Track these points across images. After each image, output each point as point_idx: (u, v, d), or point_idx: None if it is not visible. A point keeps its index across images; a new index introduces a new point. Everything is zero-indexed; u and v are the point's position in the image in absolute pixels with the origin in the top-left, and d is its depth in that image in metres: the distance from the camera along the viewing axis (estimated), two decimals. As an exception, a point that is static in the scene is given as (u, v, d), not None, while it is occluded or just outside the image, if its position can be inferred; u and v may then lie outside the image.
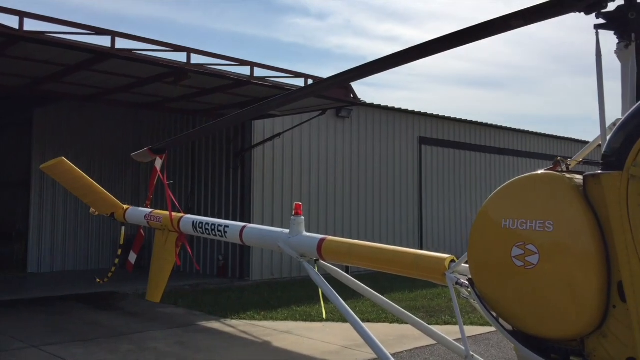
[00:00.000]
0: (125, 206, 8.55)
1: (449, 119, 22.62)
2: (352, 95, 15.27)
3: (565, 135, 27.95)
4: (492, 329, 6.97)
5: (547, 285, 3.47)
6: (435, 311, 12.43)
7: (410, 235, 20.90)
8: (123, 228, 8.64)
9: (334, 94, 14.53)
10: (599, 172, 3.35)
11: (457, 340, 10.20)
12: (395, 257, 5.14)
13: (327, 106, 15.92)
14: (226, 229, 6.70)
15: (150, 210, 8.02)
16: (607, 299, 3.32)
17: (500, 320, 3.79)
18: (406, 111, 21.08)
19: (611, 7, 4.05)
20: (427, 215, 21.47)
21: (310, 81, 13.87)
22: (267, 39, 69.61)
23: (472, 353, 4.48)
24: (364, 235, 18.98)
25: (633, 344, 3.15)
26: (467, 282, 4.11)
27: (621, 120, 3.41)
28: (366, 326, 11.31)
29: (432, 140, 22.07)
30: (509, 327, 3.76)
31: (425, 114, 21.73)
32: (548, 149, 26.80)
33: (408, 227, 20.96)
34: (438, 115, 22.14)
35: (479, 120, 23.75)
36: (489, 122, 24.19)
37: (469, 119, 23.34)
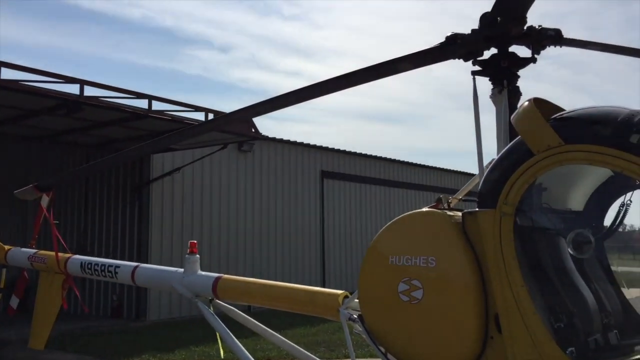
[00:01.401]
0: (6, 247, 8.01)
1: (350, 153, 23.16)
2: (253, 130, 15.30)
3: (463, 170, 29.26)
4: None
5: (431, 319, 3.59)
6: (337, 345, 12.48)
7: (312, 272, 20.93)
8: (4, 271, 8.05)
9: (235, 128, 14.51)
10: (476, 210, 3.55)
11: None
12: (290, 294, 5.13)
13: (229, 140, 15.85)
14: (117, 269, 6.42)
15: (34, 251, 7.55)
16: (485, 330, 3.48)
17: (389, 355, 3.87)
18: (308, 145, 21.37)
19: (486, 55, 4.35)
20: (329, 250, 21.67)
21: (210, 115, 13.78)
22: (168, 71, 68.63)
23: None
24: (266, 273, 18.74)
25: (509, 372, 3.31)
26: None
27: (494, 161, 3.63)
28: (268, 364, 11.18)
29: (334, 174, 22.46)
30: (397, 361, 3.84)
31: (327, 148, 22.12)
32: (445, 182, 27.97)
33: (310, 263, 21.02)
34: (339, 149, 22.62)
35: (380, 155, 24.53)
36: (390, 157, 25.06)
37: (370, 153, 24.05)
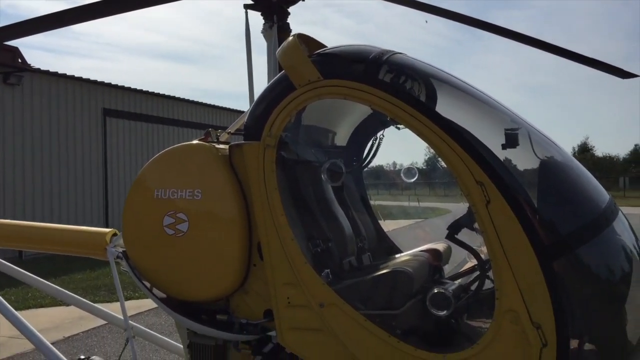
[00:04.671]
0: None
1: (135, 90, 21.98)
2: (20, 60, 13.72)
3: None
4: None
5: (196, 251, 3.61)
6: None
7: (95, 214, 19.88)
8: None
9: (-3, 57, 12.86)
10: (242, 142, 3.59)
11: (136, 315, 10.11)
12: (51, 235, 4.79)
13: (-10, 71, 14.02)
14: None
15: None
16: (248, 259, 3.60)
17: (154, 289, 3.83)
18: (88, 80, 19.80)
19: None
20: (112, 191, 20.65)
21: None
22: None
23: (132, 324, 4.45)
24: (47, 216, 17.41)
25: (269, 297, 3.48)
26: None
27: (260, 95, 3.69)
28: (42, 311, 10.49)
29: (117, 112, 21.21)
30: (163, 296, 3.82)
31: (110, 85, 20.72)
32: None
33: (92, 205, 19.90)
34: (123, 86, 21.35)
35: (169, 94, 23.69)
36: (180, 96, 24.32)
37: (162, 92, 23.10)
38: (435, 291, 3.29)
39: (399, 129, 4.50)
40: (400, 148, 5.14)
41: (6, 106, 16.94)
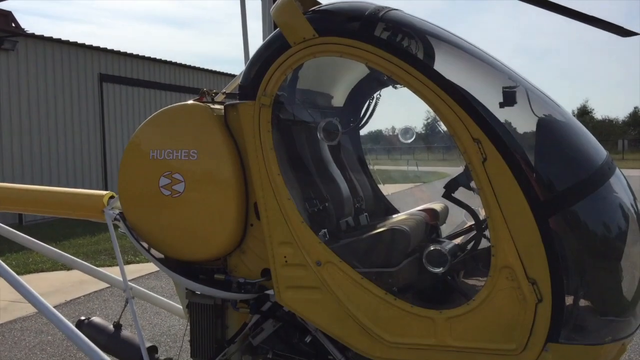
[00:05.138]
0: None
1: (132, 55, 21.75)
2: (14, 24, 13.53)
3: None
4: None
5: (193, 211, 3.62)
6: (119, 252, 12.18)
7: (94, 178, 19.92)
8: None
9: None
10: (237, 102, 3.56)
11: (137, 278, 10.19)
12: (49, 198, 4.79)
13: (-17, 36, 13.84)
14: None
15: None
16: (245, 219, 3.61)
17: (152, 250, 3.84)
18: (83, 45, 19.56)
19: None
20: (111, 156, 20.63)
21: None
22: None
23: (132, 285, 4.48)
24: (46, 181, 17.45)
25: (266, 256, 3.49)
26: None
27: (254, 53, 3.63)
28: (43, 276, 10.58)
29: (114, 77, 21.03)
30: (161, 256, 3.84)
31: (106, 50, 20.48)
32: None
33: (91, 169, 19.92)
34: (120, 51, 21.10)
35: (168, 59, 23.46)
36: (178, 61, 24.07)
37: (161, 57, 22.85)
38: (432, 248, 3.31)
39: (396, 88, 4.47)
40: (398, 111, 5.12)
41: (1, 72, 16.79)
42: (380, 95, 4.50)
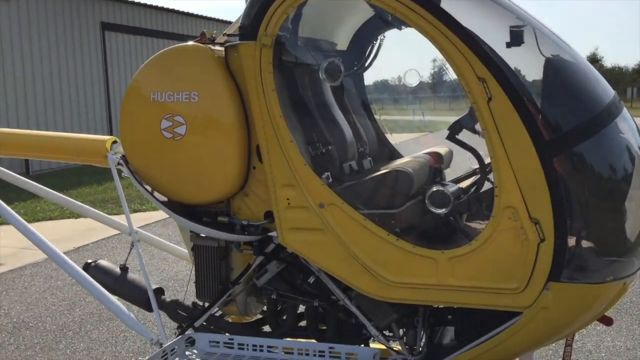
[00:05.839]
0: None
1: (135, 3, 21.42)
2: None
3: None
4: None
5: (195, 154, 3.60)
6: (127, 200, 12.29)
7: (99, 128, 19.95)
8: None
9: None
10: (237, 42, 3.49)
11: (144, 226, 10.29)
12: (53, 143, 4.78)
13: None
14: None
15: None
16: (247, 161, 3.60)
17: (155, 193, 3.85)
18: (84, -7, 19.26)
19: None
20: (115, 105, 20.55)
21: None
22: None
23: (137, 229, 4.52)
24: (51, 128, 17.51)
25: (269, 199, 3.49)
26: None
27: (256, -8, 3.53)
28: (51, 224, 10.71)
29: (116, 26, 20.75)
30: (165, 199, 3.85)
31: (107, -3, 20.17)
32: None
33: (96, 119, 19.93)
34: (122, -1, 20.78)
35: (170, 7, 23.09)
36: (182, 9, 23.70)
37: (165, 5, 22.52)
38: (435, 189, 3.30)
39: (400, 29, 4.38)
40: (403, 57, 5.03)
41: (2, 21, 16.59)
42: (384, 37, 4.41)
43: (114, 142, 4.35)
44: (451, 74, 3.21)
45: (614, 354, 5.39)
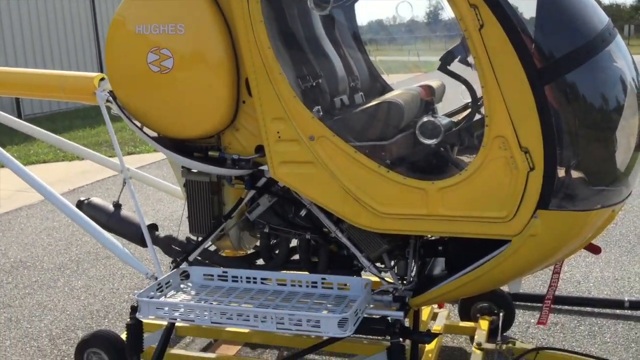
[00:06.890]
0: None
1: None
2: None
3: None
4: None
5: (184, 88, 3.55)
6: (120, 143, 12.25)
7: (88, 64, 19.75)
8: None
9: None
10: None
11: (138, 168, 10.29)
12: (40, 80, 4.72)
13: None
14: None
15: None
16: (237, 95, 3.55)
17: (145, 128, 3.82)
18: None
19: None
20: (105, 40, 20.20)
21: None
22: None
23: (129, 167, 4.51)
24: (40, 67, 17.27)
25: (259, 133, 3.47)
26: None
27: None
28: (45, 167, 10.70)
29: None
30: (154, 134, 3.82)
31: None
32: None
33: (85, 56, 19.79)
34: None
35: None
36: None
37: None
38: (425, 119, 3.27)
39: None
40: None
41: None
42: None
43: (102, 79, 4.29)
44: (443, 2, 3.13)
45: (602, 284, 5.51)
